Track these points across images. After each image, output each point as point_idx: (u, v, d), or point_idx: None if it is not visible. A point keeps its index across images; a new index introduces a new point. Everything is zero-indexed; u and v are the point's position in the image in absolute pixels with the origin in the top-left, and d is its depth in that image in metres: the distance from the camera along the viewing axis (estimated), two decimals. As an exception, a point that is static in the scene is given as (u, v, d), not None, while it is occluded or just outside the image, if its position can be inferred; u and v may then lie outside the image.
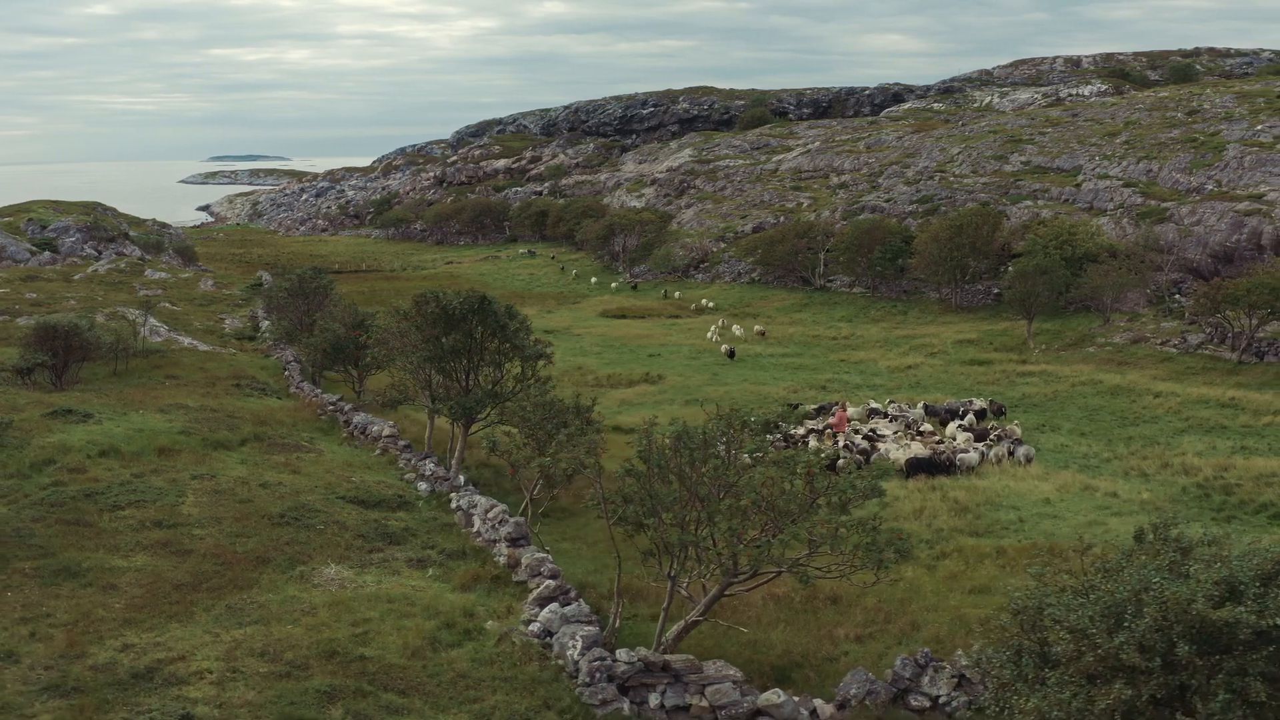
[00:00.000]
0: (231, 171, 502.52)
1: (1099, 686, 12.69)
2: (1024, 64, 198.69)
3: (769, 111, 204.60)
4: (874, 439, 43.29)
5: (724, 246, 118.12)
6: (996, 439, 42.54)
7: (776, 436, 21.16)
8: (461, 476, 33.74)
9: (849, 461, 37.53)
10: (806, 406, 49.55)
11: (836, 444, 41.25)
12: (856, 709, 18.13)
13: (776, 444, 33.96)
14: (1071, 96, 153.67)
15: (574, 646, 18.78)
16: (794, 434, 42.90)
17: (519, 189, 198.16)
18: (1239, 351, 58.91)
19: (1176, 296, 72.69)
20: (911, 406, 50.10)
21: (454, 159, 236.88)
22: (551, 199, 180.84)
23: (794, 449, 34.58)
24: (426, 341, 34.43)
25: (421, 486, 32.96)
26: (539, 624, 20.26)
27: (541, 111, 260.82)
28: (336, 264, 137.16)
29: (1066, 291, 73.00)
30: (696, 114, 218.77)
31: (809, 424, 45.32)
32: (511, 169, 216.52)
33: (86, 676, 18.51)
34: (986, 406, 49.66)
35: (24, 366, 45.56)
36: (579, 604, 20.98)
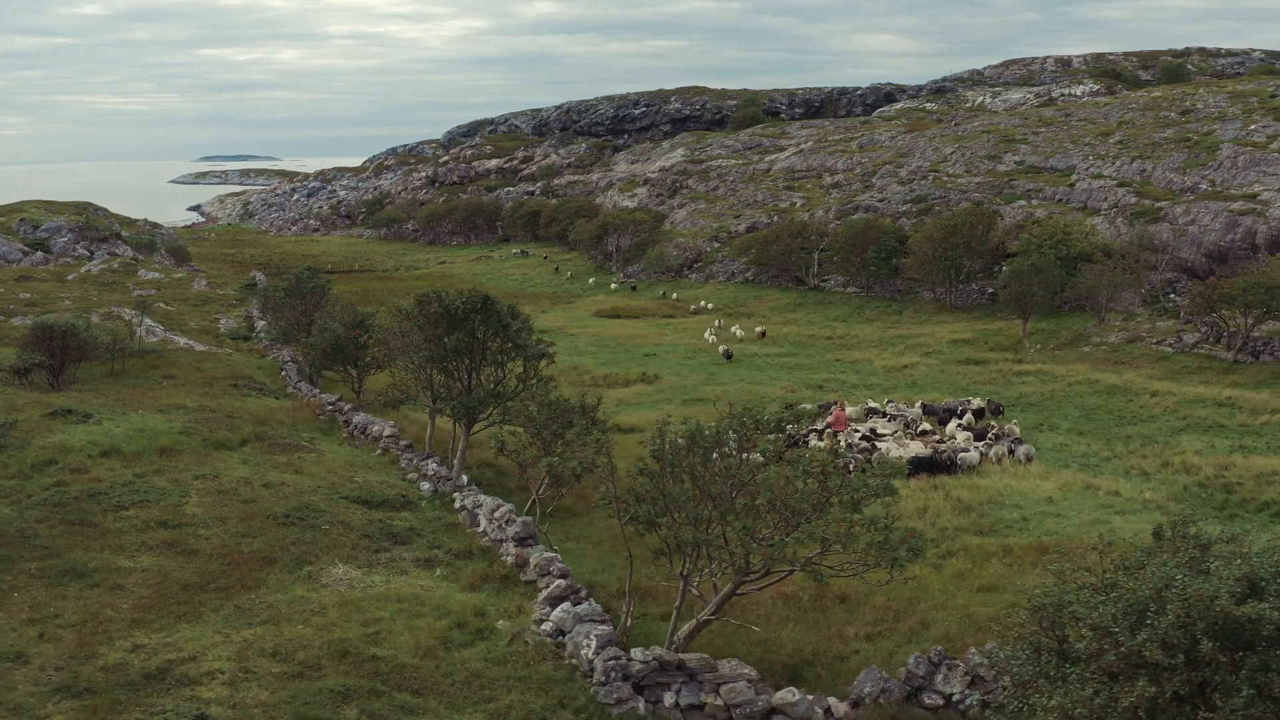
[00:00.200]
0: (222, 172, 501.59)
1: (1121, 684, 12.72)
2: (1015, 64, 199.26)
3: (761, 111, 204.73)
4: (873, 438, 43.34)
5: (717, 246, 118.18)
6: (995, 438, 42.63)
7: (789, 434, 21.03)
8: (464, 476, 33.69)
9: (858, 462, 37.53)
10: (805, 406, 49.57)
11: (837, 443, 41.26)
12: (871, 707, 18.15)
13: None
14: (1064, 96, 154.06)
15: (588, 646, 18.76)
16: (794, 434, 42.88)
17: (511, 189, 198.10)
18: (1235, 351, 59.10)
19: (1171, 296, 72.90)
20: (909, 406, 50.18)
21: (446, 159, 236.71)
22: (544, 199, 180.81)
23: (798, 449, 34.58)
24: (429, 341, 34.38)
25: (424, 486, 32.90)
26: (551, 623, 20.23)
27: (533, 111, 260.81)
28: (329, 264, 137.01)
29: (1061, 291, 73.16)
30: (689, 114, 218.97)
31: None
32: (503, 169, 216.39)
33: (98, 677, 18.44)
34: (984, 406, 49.77)
35: (21, 367, 45.38)
36: (590, 603, 20.95)
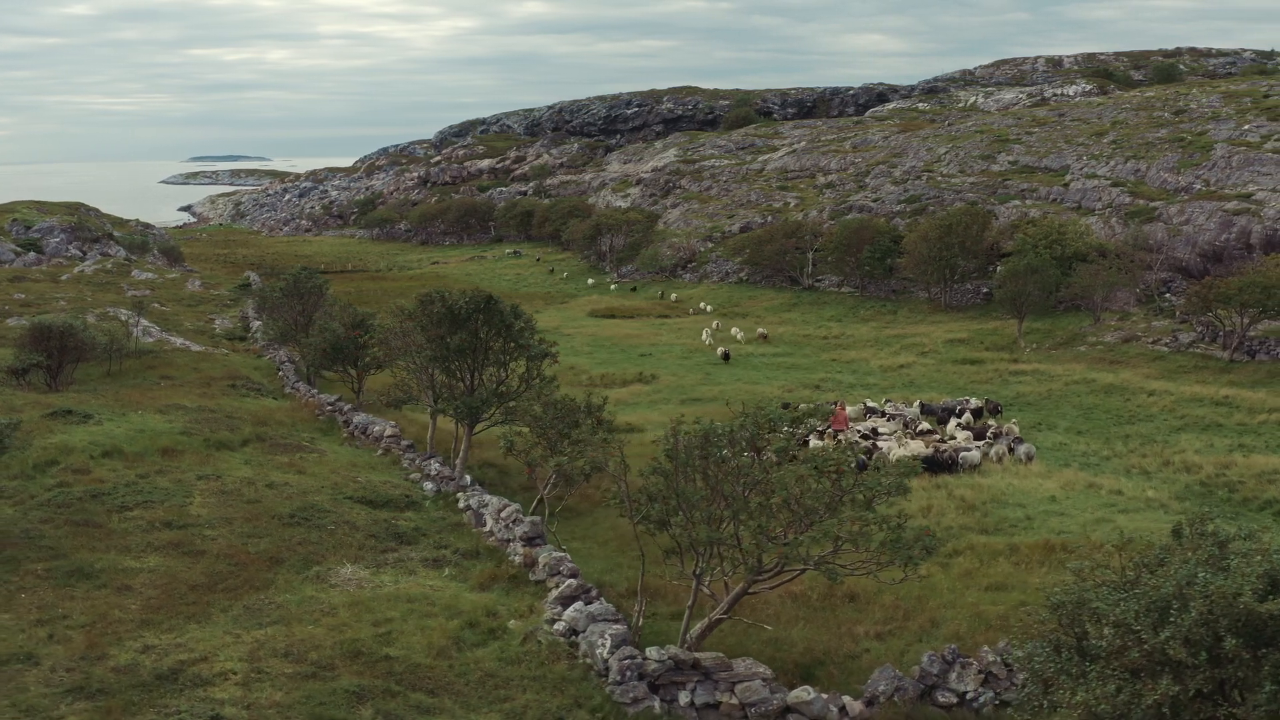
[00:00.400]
0: (212, 172, 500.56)
1: (1144, 681, 12.74)
2: (1005, 64, 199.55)
3: (754, 111, 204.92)
4: (873, 437, 43.37)
5: (711, 246, 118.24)
6: (994, 437, 42.71)
7: (802, 433, 21.07)
8: (467, 476, 33.65)
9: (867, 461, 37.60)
10: (803, 406, 49.59)
11: (838, 443, 41.29)
12: (885, 705, 18.17)
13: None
14: (1056, 96, 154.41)
15: (603, 645, 18.75)
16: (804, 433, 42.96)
17: (503, 189, 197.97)
18: (1231, 350, 59.27)
19: (1166, 295, 73.10)
20: (907, 405, 50.25)
21: (438, 159, 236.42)
22: (536, 199, 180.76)
23: (803, 448, 34.63)
24: (431, 341, 34.33)
25: (427, 486, 32.86)
26: (564, 623, 20.21)
27: (525, 111, 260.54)
28: (322, 264, 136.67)
29: (1057, 291, 73.31)
30: (681, 114, 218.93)
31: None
32: (496, 169, 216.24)
33: (110, 678, 18.38)
34: (983, 405, 49.87)
35: (19, 367, 45.20)
36: (600, 602, 20.94)
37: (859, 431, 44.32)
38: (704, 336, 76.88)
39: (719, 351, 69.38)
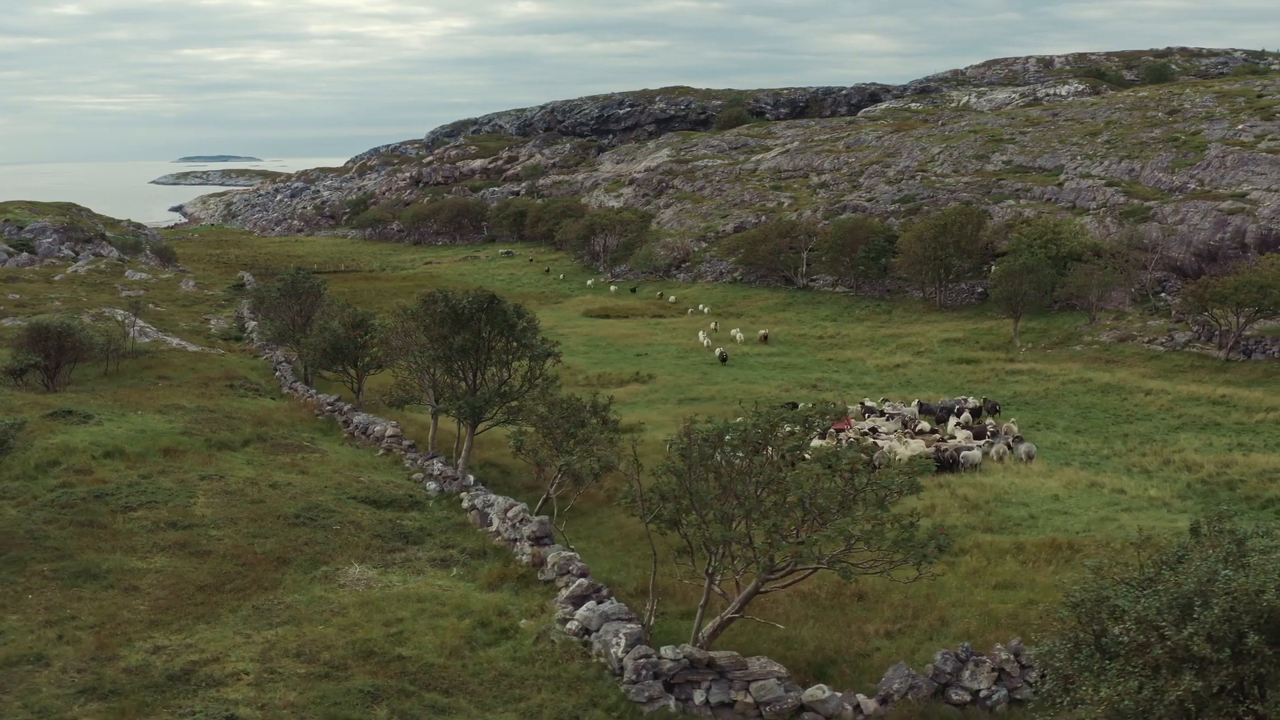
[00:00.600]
0: (203, 172, 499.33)
1: (1166, 677, 12.76)
2: (997, 64, 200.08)
3: (746, 111, 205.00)
4: (873, 437, 43.39)
5: (705, 246, 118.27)
6: (994, 436, 42.78)
7: (814, 434, 21.09)
8: (470, 476, 33.60)
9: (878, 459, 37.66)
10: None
11: (839, 442, 41.32)
12: (899, 704, 18.18)
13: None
14: (1049, 96, 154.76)
15: (617, 644, 18.73)
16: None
17: (496, 189, 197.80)
18: (1227, 349, 59.46)
19: (1161, 295, 73.29)
20: (906, 405, 50.32)
21: (430, 159, 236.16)
22: (529, 199, 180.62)
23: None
24: (434, 341, 34.27)
25: (431, 486, 32.80)
26: (577, 622, 20.18)
27: (517, 111, 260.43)
28: (315, 264, 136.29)
29: (1052, 290, 73.48)
30: (673, 114, 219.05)
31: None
32: (488, 169, 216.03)
33: (121, 679, 18.31)
34: (981, 404, 49.97)
35: (17, 368, 45.03)
36: (611, 601, 20.91)
37: (861, 431, 44.38)
38: (701, 338, 76.28)
39: (717, 353, 69.23)
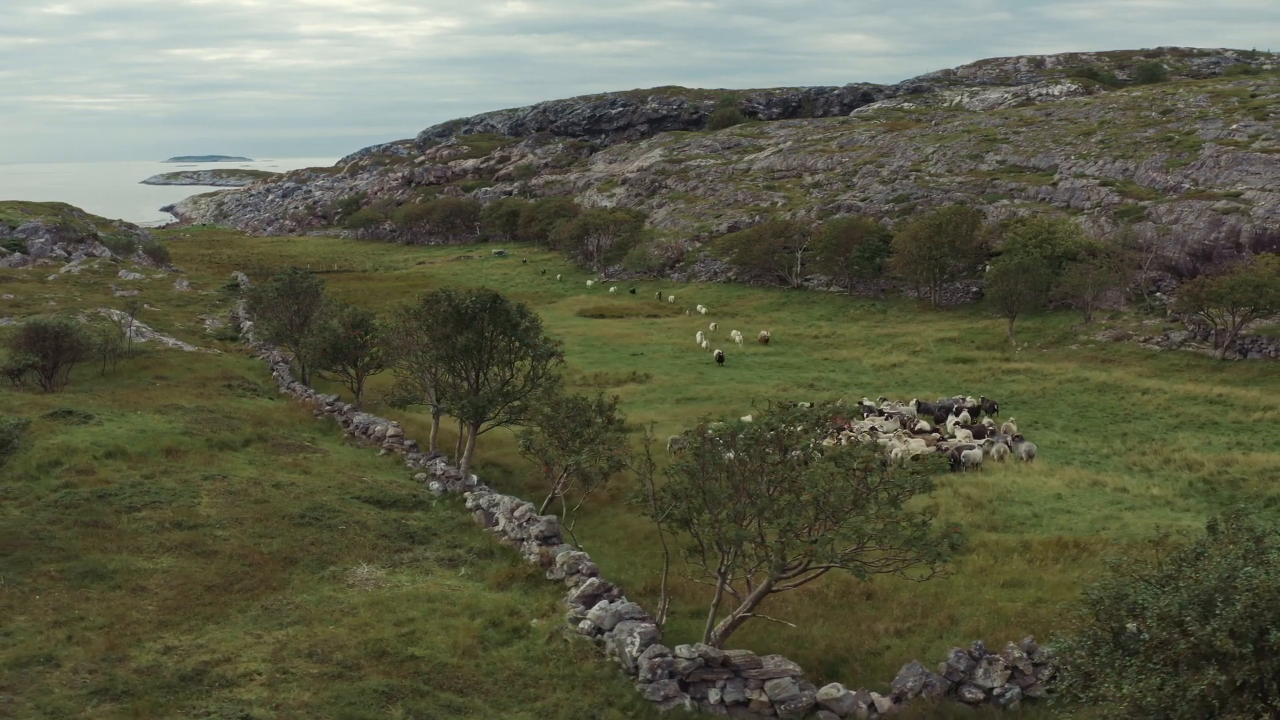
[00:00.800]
0: (194, 172, 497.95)
1: (1188, 673, 12.81)
2: (987, 64, 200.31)
3: (738, 111, 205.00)
4: (873, 436, 43.44)
5: (699, 246, 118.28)
6: (992, 435, 42.84)
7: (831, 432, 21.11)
8: (473, 476, 33.56)
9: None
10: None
11: (840, 442, 41.36)
12: (913, 702, 18.21)
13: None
14: (1042, 96, 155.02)
15: (632, 644, 18.72)
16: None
17: (488, 189, 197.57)
18: (1222, 349, 59.63)
19: (1156, 294, 73.47)
20: (904, 404, 50.37)
21: (422, 159, 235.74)
22: (522, 199, 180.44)
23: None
24: (437, 341, 34.21)
25: (434, 486, 32.77)
26: (589, 621, 20.17)
27: (509, 111, 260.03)
28: (308, 264, 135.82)
29: (1047, 290, 73.62)
30: (666, 114, 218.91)
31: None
32: (480, 169, 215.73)
33: (133, 679, 18.25)
34: (979, 404, 50.03)
35: (15, 368, 44.85)
36: (623, 600, 20.90)
37: (858, 431, 44.41)
38: (699, 339, 75.96)
39: (715, 354, 69.03)
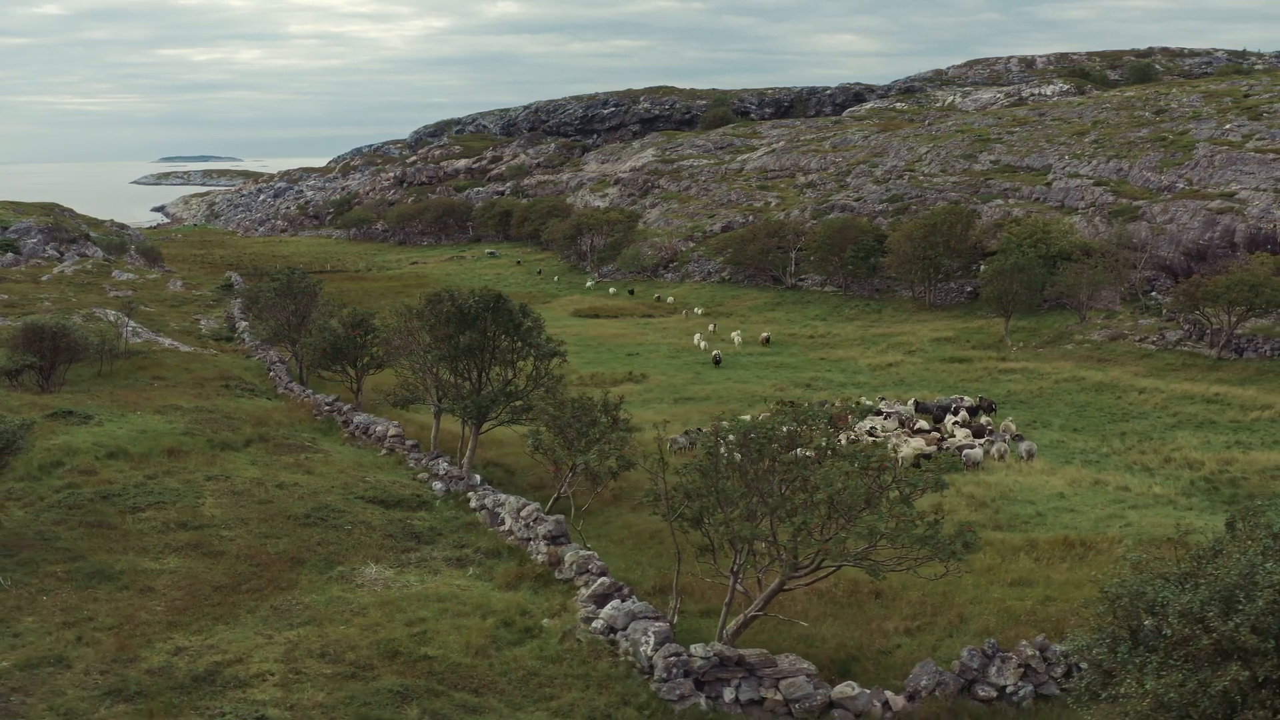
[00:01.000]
0: (184, 172, 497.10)
1: (1210, 670, 12.83)
2: (979, 64, 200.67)
3: (731, 111, 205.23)
4: (874, 435, 43.49)
5: (693, 246, 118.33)
6: (991, 435, 42.94)
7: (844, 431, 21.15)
8: (476, 476, 33.52)
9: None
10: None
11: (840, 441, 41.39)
12: (927, 700, 18.23)
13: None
14: (1034, 96, 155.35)
15: (646, 643, 18.71)
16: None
17: (480, 189, 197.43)
18: (1218, 348, 59.82)
19: (1152, 294, 73.69)
20: (901, 404, 50.45)
21: (413, 159, 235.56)
22: (514, 199, 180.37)
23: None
24: (439, 341, 34.16)
25: (436, 486, 32.71)
26: (602, 620, 20.14)
27: (501, 111, 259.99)
28: (301, 265, 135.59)
29: (1042, 290, 73.78)
30: (658, 114, 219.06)
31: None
32: (472, 169, 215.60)
33: (145, 680, 18.18)
34: (977, 403, 50.14)
35: (12, 368, 44.68)
36: (634, 599, 20.88)
37: (857, 431, 44.47)
38: (696, 340, 75.83)
39: (714, 355, 68.95)
